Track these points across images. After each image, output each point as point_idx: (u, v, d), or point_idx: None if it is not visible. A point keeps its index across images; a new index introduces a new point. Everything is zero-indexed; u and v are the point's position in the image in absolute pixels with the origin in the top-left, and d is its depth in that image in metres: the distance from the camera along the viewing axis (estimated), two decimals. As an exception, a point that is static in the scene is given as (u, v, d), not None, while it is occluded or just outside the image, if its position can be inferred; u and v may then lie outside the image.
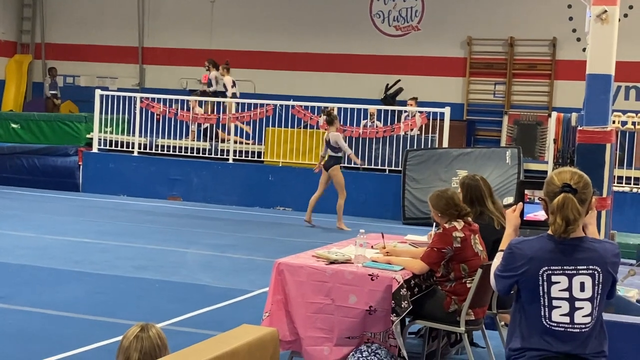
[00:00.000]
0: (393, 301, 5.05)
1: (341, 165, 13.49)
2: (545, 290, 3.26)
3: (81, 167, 16.74)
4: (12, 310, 6.96)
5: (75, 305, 7.24)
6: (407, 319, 5.50)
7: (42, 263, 9.09)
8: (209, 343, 2.81)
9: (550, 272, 3.26)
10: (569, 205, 3.22)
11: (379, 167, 15.24)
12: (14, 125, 17.99)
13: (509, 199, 13.56)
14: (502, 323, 6.26)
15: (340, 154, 13.17)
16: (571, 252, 3.27)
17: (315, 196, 13.32)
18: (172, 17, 21.23)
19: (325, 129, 13.89)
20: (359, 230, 5.56)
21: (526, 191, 4.09)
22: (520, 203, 3.65)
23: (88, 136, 17.20)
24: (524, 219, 3.69)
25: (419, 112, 15.44)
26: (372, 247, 5.85)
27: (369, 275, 5.15)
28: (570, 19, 17.90)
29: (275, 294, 5.36)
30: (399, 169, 14.76)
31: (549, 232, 3.31)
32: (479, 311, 5.44)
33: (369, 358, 5.10)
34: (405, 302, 5.08)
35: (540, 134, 17.97)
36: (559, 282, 3.25)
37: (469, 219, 5.51)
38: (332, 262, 5.35)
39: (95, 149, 16.89)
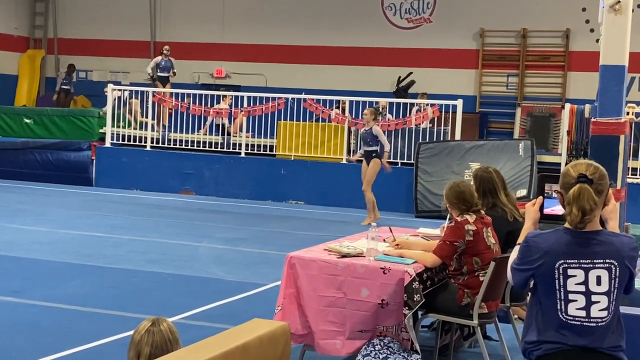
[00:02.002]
0: (405, 294, 5.02)
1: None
2: (562, 284, 3.24)
3: (94, 161, 16.80)
4: (25, 304, 6.97)
5: (87, 299, 7.25)
6: (419, 313, 5.48)
7: (54, 257, 9.12)
8: (219, 337, 2.80)
9: (566, 265, 3.23)
10: (585, 195, 3.20)
11: (391, 160, 15.19)
12: (27, 120, 18.07)
13: (522, 191, 13.51)
14: (516, 316, 6.23)
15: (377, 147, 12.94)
16: (587, 246, 3.23)
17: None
18: (184, 11, 21.24)
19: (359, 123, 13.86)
20: (370, 224, 5.53)
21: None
22: (540, 197, 3.61)
23: (101, 131, 17.26)
24: (544, 212, 3.65)
25: (431, 104, 15.39)
26: (384, 240, 5.82)
27: (381, 268, 5.12)
28: (584, 9, 17.78)
29: (287, 288, 5.34)
30: (412, 161, 14.73)
31: (566, 225, 3.28)
32: (492, 304, 5.41)
33: (381, 351, 5.08)
34: (418, 295, 5.05)
35: (553, 125, 17.88)
36: (575, 276, 3.22)
37: (482, 212, 5.47)
38: (344, 256, 5.33)
39: (108, 144, 16.94)
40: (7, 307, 6.88)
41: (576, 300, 3.23)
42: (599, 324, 3.23)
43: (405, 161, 15.04)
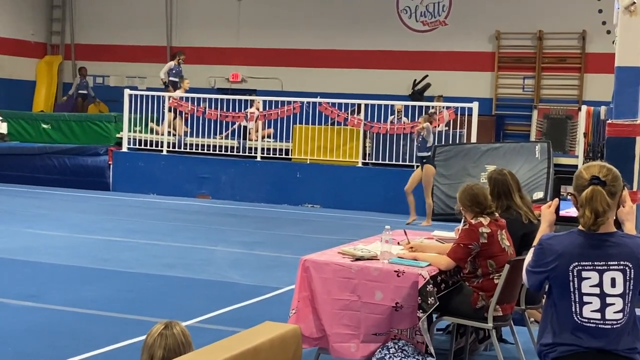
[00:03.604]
0: (419, 297, 5.02)
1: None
2: (576, 286, 3.23)
3: (111, 166, 16.89)
4: (42, 309, 7.03)
5: (104, 303, 7.30)
6: (434, 316, 5.47)
7: (72, 262, 9.17)
8: (231, 340, 2.81)
9: (580, 267, 3.22)
10: (597, 197, 3.19)
11: (407, 163, 15.20)
12: (44, 126, 18.21)
13: (539, 194, 13.44)
14: (532, 319, 6.21)
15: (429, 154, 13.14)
16: (601, 248, 3.22)
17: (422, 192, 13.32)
18: (199, 16, 21.32)
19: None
20: (384, 227, 5.53)
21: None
22: (556, 199, 3.60)
23: (118, 136, 17.36)
24: (560, 214, 3.63)
25: (447, 107, 15.36)
26: (398, 243, 5.82)
27: (395, 271, 5.12)
28: (600, 11, 17.67)
29: (301, 291, 5.35)
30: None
31: (579, 227, 3.27)
32: (507, 307, 5.40)
33: (396, 354, 5.08)
34: (432, 298, 5.05)
35: (570, 127, 17.79)
36: (590, 278, 3.22)
37: (496, 214, 5.46)
38: (358, 259, 5.33)
39: (125, 148, 17.03)
40: (24, 312, 6.93)
41: (591, 303, 3.22)
42: (614, 326, 3.22)
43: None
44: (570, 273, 3.23)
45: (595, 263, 3.22)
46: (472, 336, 6.05)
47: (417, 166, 13.68)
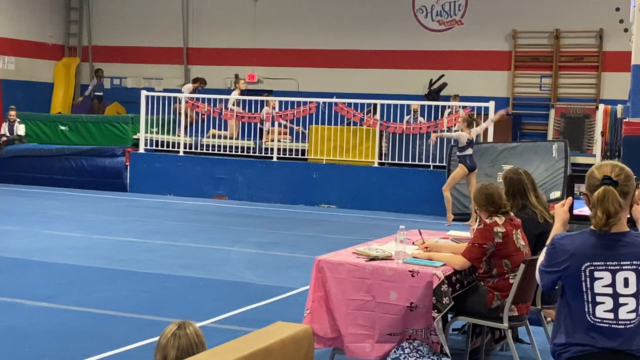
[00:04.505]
0: (434, 297, 5.01)
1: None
2: (589, 286, 3.21)
3: (128, 167, 16.97)
4: (59, 310, 7.07)
5: (120, 304, 7.33)
6: (449, 316, 5.46)
7: (89, 263, 9.22)
8: (242, 340, 2.82)
9: (592, 267, 3.20)
10: (609, 197, 3.17)
11: (423, 163, 15.17)
12: (62, 127, 18.32)
13: (556, 193, 13.38)
14: (548, 319, 6.18)
15: (465, 153, 13.31)
16: (614, 247, 3.20)
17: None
18: (216, 17, 21.37)
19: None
20: (399, 227, 5.53)
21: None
22: (570, 197, 3.58)
23: (135, 137, 17.43)
24: (573, 213, 3.61)
25: (463, 107, 15.31)
26: (413, 243, 5.81)
27: (410, 271, 5.12)
28: (617, 9, 17.57)
29: (315, 291, 5.35)
30: (444, 164, 14.66)
31: (592, 226, 3.25)
32: (523, 307, 5.37)
33: (411, 355, 5.07)
34: (447, 298, 5.03)
35: (588, 126, 17.69)
36: (602, 278, 3.20)
37: (511, 214, 5.44)
38: (372, 259, 5.33)
39: (141, 150, 17.10)
40: (42, 312, 6.98)
41: (604, 303, 3.20)
42: (627, 326, 3.19)
43: (437, 164, 14.99)
44: (583, 273, 3.21)
45: (608, 263, 3.20)
46: (488, 336, 6.03)
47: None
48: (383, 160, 15.61)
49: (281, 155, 16.19)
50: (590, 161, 14.28)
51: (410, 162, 15.25)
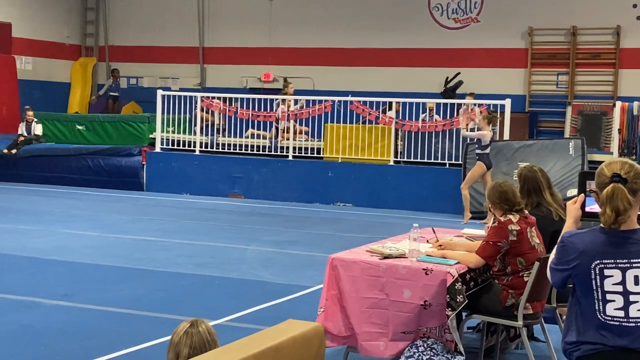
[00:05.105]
0: (448, 295, 5.01)
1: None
2: (599, 284, 3.20)
3: (145, 166, 17.04)
4: (75, 308, 7.11)
5: (137, 303, 7.36)
6: (463, 314, 5.45)
7: (105, 261, 9.27)
8: (253, 338, 2.83)
9: (602, 265, 3.19)
10: (618, 195, 3.14)
11: (439, 161, 15.14)
12: (79, 127, 18.42)
13: (573, 191, 13.31)
14: (564, 317, 6.14)
15: (486, 151, 13.28)
16: (624, 245, 3.18)
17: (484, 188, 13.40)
18: (231, 16, 21.42)
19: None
20: (412, 225, 5.52)
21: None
22: (582, 194, 3.55)
23: (151, 136, 17.50)
24: (586, 210, 3.58)
25: (479, 104, 15.27)
26: (427, 241, 5.81)
27: (423, 269, 5.11)
28: (635, 6, 17.47)
29: (329, 290, 5.36)
30: (459, 162, 14.63)
31: (601, 224, 3.23)
32: (537, 305, 5.35)
33: (425, 353, 5.06)
34: (461, 296, 5.02)
35: (605, 124, 17.58)
36: (612, 276, 3.18)
37: (525, 211, 5.42)
38: (386, 257, 5.32)
39: (158, 149, 17.16)
40: (59, 310, 7.02)
41: (614, 301, 3.18)
42: (638, 324, 3.17)
43: (453, 162, 14.96)
44: (592, 271, 3.20)
45: (618, 261, 3.18)
46: (503, 334, 6.01)
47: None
48: (399, 159, 15.60)
49: (297, 154, 16.20)
50: (608, 159, 14.20)
51: (426, 160, 15.22)
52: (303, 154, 16.19)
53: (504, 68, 18.96)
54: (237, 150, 16.61)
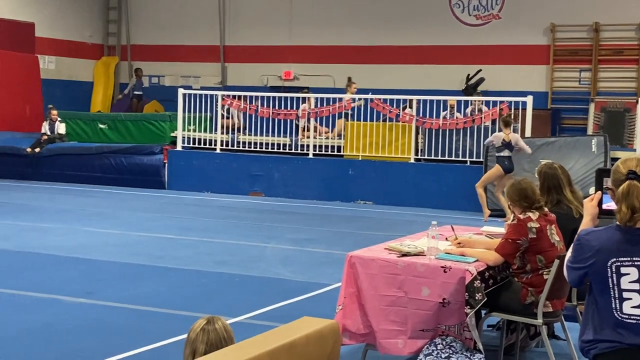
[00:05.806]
0: (467, 293, 4.98)
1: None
2: (615, 282, 3.17)
3: (166, 165, 17.12)
4: (97, 305, 7.16)
5: (157, 300, 7.40)
6: (482, 312, 5.42)
7: (127, 259, 9.33)
8: (267, 335, 2.83)
9: (619, 263, 3.16)
10: (633, 192, 3.12)
11: (460, 158, 15.08)
12: (101, 126, 18.55)
13: (595, 189, 13.20)
14: (584, 315, 6.10)
15: (502, 154, 13.20)
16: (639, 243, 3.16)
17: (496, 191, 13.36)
18: (252, 15, 21.47)
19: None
20: (430, 222, 5.50)
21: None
22: (599, 192, 3.52)
23: (172, 134, 17.58)
24: (603, 207, 3.54)
25: (500, 101, 15.18)
26: (446, 239, 5.79)
27: (442, 267, 5.09)
28: (658, 1, 17.30)
29: (347, 287, 5.35)
30: (480, 160, 14.57)
31: (617, 222, 3.21)
32: (557, 303, 5.31)
33: (443, 351, 5.04)
34: (479, 294, 5.00)
35: (628, 120, 17.43)
36: (629, 274, 3.15)
37: (545, 209, 5.39)
38: (404, 255, 5.31)
39: (179, 147, 17.24)
40: (80, 308, 7.07)
41: (631, 299, 3.15)
42: (655, 322, 3.15)
43: (474, 159, 14.89)
44: (609, 269, 3.17)
45: (634, 259, 3.15)
46: (523, 332, 5.98)
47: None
48: (419, 156, 15.56)
49: (317, 152, 16.20)
50: (631, 156, 14.08)
51: (446, 158, 15.17)
52: (323, 152, 16.19)
53: (526, 65, 18.87)
54: (258, 149, 16.64)
